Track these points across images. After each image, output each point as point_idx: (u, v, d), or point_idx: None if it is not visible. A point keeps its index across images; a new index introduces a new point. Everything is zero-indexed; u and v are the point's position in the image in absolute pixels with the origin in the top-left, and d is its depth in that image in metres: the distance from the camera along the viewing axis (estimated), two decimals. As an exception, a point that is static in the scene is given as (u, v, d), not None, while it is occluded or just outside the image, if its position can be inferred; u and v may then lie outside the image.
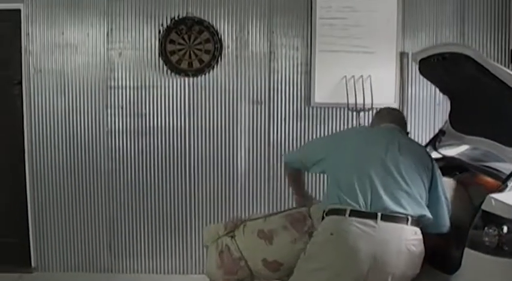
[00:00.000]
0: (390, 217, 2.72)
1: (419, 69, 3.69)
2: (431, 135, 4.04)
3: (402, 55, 4.89)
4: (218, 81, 5.00)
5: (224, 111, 5.03)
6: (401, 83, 4.91)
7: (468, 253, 2.70)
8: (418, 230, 2.79)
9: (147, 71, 5.01)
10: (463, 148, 3.76)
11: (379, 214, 2.70)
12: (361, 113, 4.82)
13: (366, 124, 4.78)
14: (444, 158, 3.66)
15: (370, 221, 2.69)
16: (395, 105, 4.84)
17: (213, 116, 5.03)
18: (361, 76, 4.87)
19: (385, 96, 4.87)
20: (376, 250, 2.67)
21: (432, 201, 2.93)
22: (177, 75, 4.98)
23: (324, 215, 2.87)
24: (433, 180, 2.97)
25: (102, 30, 5.00)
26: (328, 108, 4.99)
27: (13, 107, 5.11)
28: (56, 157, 5.11)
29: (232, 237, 3.29)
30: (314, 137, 4.94)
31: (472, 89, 3.30)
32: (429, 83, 4.28)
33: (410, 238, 2.74)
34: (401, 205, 2.75)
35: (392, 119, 3.32)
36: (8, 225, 5.27)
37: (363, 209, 2.73)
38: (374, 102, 4.73)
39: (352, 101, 4.85)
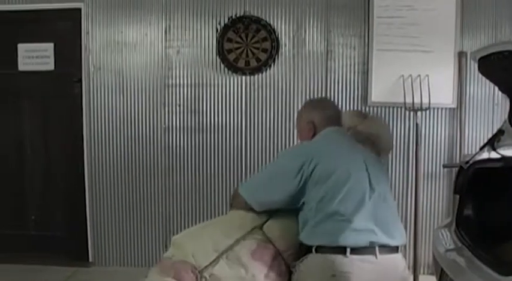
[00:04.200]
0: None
1: (478, 68, 3.80)
2: (490, 136, 4.05)
3: (461, 54, 5.04)
4: (275, 80, 5.27)
5: (280, 109, 5.28)
6: (459, 83, 5.06)
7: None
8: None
9: (204, 70, 5.33)
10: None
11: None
12: (419, 113, 4.99)
13: (419, 123, 5.04)
14: (503, 158, 3.69)
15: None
16: (453, 106, 5.12)
17: (269, 114, 5.29)
18: (419, 75, 5.05)
19: (443, 96, 5.06)
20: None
21: None
22: (234, 74, 5.28)
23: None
24: None
25: (160, 28, 5.35)
26: (385, 107, 5.19)
27: (73, 105, 5.51)
28: (113, 153, 5.49)
29: None
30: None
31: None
32: (488, 82, 4.44)
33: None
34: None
35: (337, 115, 3.18)
36: (67, 220, 5.71)
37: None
38: (431, 102, 4.92)
39: (409, 100, 5.02)
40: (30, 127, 5.70)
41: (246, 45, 5.24)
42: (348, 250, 2.65)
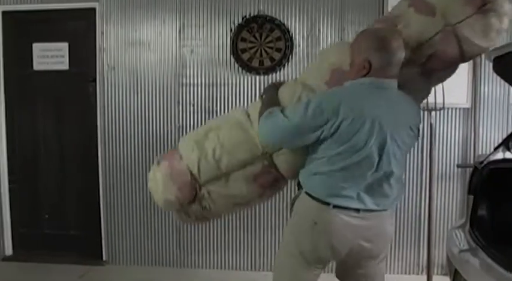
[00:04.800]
0: None
1: (493, 67, 3.85)
2: (505, 136, 4.15)
3: None
4: (289, 80, 5.27)
5: (294, 109, 5.34)
6: (474, 83, 5.09)
7: None
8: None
9: (218, 69, 5.38)
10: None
11: None
12: (433, 113, 5.00)
13: (434, 123, 5.04)
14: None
15: None
16: (468, 106, 5.14)
17: (283, 113, 5.35)
18: (433, 75, 5.10)
19: (457, 95, 5.07)
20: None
21: None
22: (248, 73, 5.32)
23: None
24: None
25: (174, 27, 5.41)
26: (399, 107, 5.24)
27: (87, 104, 5.59)
28: (128, 152, 5.57)
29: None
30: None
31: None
32: (503, 82, 4.50)
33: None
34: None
35: (397, 63, 2.94)
36: (81, 219, 5.79)
37: None
38: (446, 101, 4.89)
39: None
40: (44, 126, 5.78)
41: (260, 44, 5.28)
42: (331, 205, 2.82)
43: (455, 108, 5.16)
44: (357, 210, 2.85)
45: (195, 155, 3.12)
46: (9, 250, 5.90)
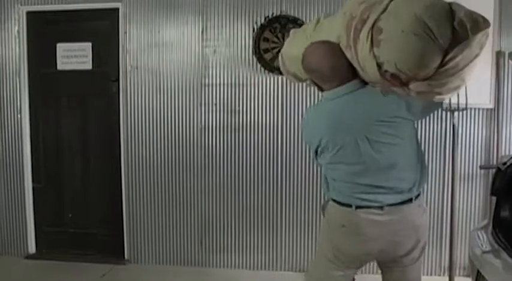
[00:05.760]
0: None
1: None
2: None
3: (498, 54, 5.04)
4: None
5: (316, 109, 5.38)
6: (497, 83, 5.07)
7: None
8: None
9: (240, 69, 5.43)
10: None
11: None
12: (456, 113, 5.01)
13: (456, 123, 5.07)
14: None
15: None
16: (491, 106, 5.13)
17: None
18: (456, 75, 5.10)
19: (480, 96, 5.05)
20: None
21: None
22: (271, 73, 5.35)
23: None
24: None
25: (197, 28, 5.47)
26: (422, 107, 5.26)
27: (110, 104, 5.68)
28: (150, 152, 5.64)
29: None
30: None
31: None
32: None
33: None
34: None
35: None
36: (104, 218, 5.89)
37: None
38: (468, 102, 4.86)
39: (446, 100, 5.05)
40: (68, 126, 5.89)
41: (283, 45, 5.26)
42: (354, 206, 2.97)
43: (478, 109, 5.16)
44: (380, 207, 2.93)
45: None
46: (32, 249, 6.02)
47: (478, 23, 2.62)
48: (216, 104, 5.50)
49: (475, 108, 5.15)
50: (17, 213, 5.98)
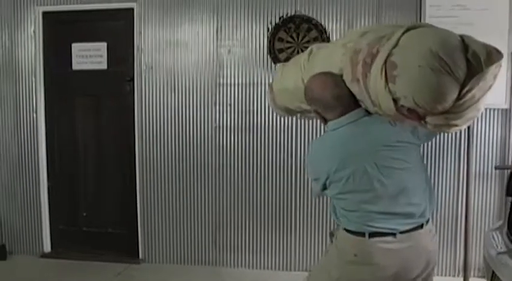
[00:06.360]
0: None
1: None
2: None
3: None
4: None
5: (331, 109, 5.39)
6: None
7: None
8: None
9: (255, 69, 5.47)
10: None
11: None
12: None
13: (471, 123, 4.98)
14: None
15: None
16: (506, 106, 5.12)
17: (319, 113, 5.41)
18: (471, 75, 5.09)
19: (495, 96, 4.84)
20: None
21: None
22: None
23: None
24: None
25: (211, 28, 5.52)
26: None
27: (125, 103, 5.74)
28: (164, 152, 5.69)
29: None
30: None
31: None
32: None
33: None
34: None
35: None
36: (118, 218, 5.96)
37: None
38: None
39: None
40: (83, 125, 5.97)
41: (297, 44, 5.35)
42: (367, 234, 2.90)
43: (493, 109, 5.16)
44: (393, 234, 2.93)
45: None
46: (47, 247, 6.10)
47: (492, 54, 2.62)
48: (230, 104, 5.53)
49: (490, 109, 5.15)
50: (32, 212, 6.05)
